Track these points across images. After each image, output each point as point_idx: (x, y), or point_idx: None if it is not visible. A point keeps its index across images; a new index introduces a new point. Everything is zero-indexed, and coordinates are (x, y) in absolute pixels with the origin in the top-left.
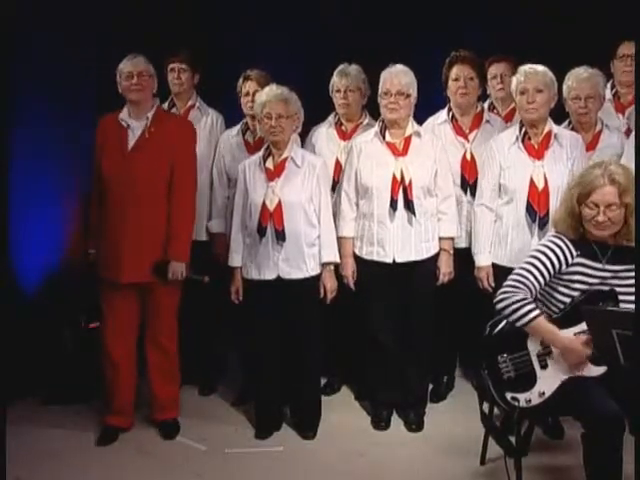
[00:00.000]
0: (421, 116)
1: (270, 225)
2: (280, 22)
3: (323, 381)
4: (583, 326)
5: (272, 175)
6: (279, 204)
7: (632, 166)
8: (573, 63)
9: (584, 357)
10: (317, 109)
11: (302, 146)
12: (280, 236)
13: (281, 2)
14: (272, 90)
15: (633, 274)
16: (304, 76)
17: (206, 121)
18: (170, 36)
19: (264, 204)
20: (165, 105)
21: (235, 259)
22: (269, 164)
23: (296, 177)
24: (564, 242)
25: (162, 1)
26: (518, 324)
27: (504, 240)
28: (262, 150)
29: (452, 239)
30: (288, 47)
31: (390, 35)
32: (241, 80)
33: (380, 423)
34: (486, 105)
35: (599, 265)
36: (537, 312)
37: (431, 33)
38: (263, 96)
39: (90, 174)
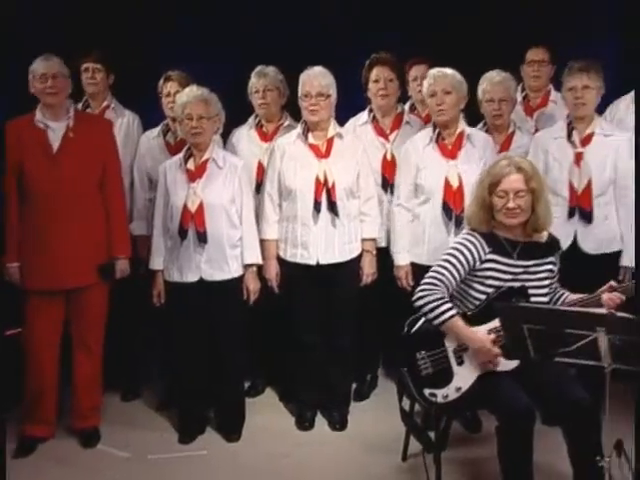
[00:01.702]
0: (342, 117)
1: (192, 227)
2: (202, 22)
3: (247, 383)
4: (497, 322)
5: (193, 176)
6: (200, 206)
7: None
8: (487, 67)
9: (495, 356)
10: (239, 110)
11: (224, 147)
12: (202, 238)
13: (201, 2)
14: (193, 91)
15: (542, 268)
16: (225, 77)
17: (122, 122)
18: (83, 35)
19: (185, 206)
20: (79, 106)
21: (156, 262)
22: (190, 165)
23: (218, 178)
24: (477, 239)
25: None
26: (435, 322)
27: (422, 239)
28: (183, 151)
29: (375, 240)
30: (210, 47)
31: (311, 36)
32: (162, 81)
33: (304, 423)
34: (407, 107)
35: (510, 261)
36: (453, 312)
37: (352, 34)
38: (184, 97)
39: None
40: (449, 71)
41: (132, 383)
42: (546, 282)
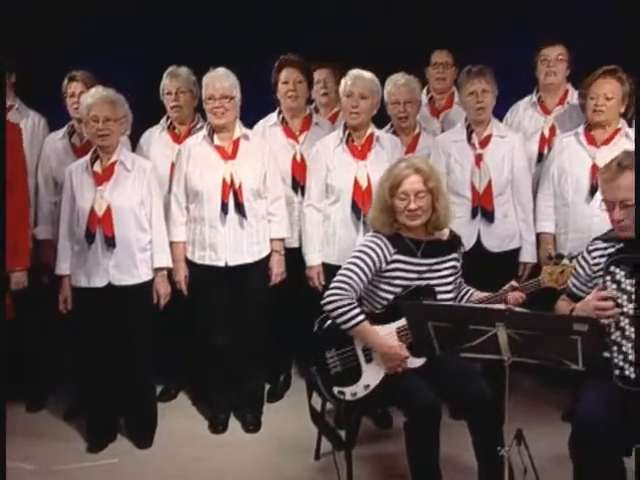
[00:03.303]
0: (250, 118)
1: (99, 231)
2: (109, 21)
3: (159, 388)
4: (404, 321)
5: (100, 179)
6: (108, 209)
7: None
8: (392, 70)
9: (401, 361)
10: (148, 112)
11: (133, 150)
12: (110, 242)
13: (110, 2)
14: (98, 92)
15: (446, 265)
16: (133, 77)
17: (26, 123)
18: None
19: (92, 209)
20: None
21: (62, 267)
22: (97, 168)
23: (126, 181)
24: (381, 240)
25: None
26: (344, 327)
27: (332, 239)
28: (89, 153)
29: (283, 240)
30: (117, 47)
31: (226, 37)
32: (66, 81)
33: (217, 426)
34: (312, 106)
35: (415, 260)
36: (361, 317)
37: (267, 36)
38: (89, 98)
39: None
40: (368, 75)
41: (37, 393)
42: (450, 278)
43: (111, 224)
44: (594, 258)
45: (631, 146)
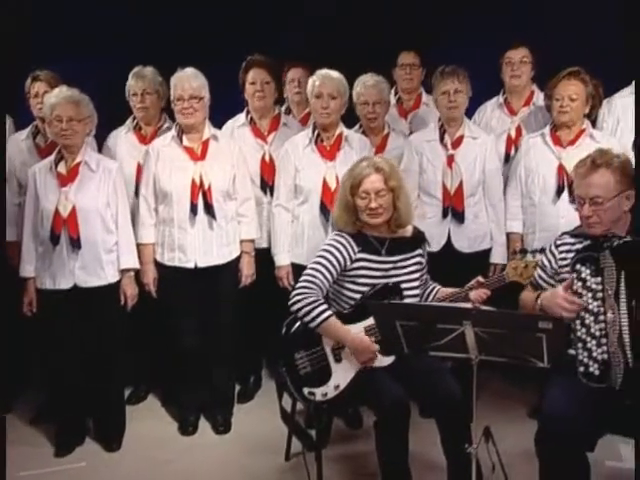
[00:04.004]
0: (218, 118)
1: (64, 232)
2: (74, 21)
3: (128, 390)
4: (372, 320)
5: (65, 180)
6: (73, 210)
7: (414, 164)
8: (361, 70)
9: (373, 354)
10: (115, 112)
11: (99, 150)
12: (75, 244)
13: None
14: (62, 92)
15: (410, 262)
16: (101, 77)
17: None
18: None
19: (57, 211)
20: None
21: (27, 269)
22: (61, 169)
23: (91, 182)
24: (345, 239)
25: None
26: (311, 325)
27: (301, 239)
28: (54, 154)
29: (253, 241)
30: (82, 47)
31: (195, 38)
32: (29, 81)
33: (188, 428)
34: (283, 108)
35: (379, 258)
36: (328, 313)
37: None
38: (52, 98)
39: None
40: (336, 75)
41: (2, 398)
42: (416, 275)
43: (76, 225)
44: (561, 252)
45: (596, 147)
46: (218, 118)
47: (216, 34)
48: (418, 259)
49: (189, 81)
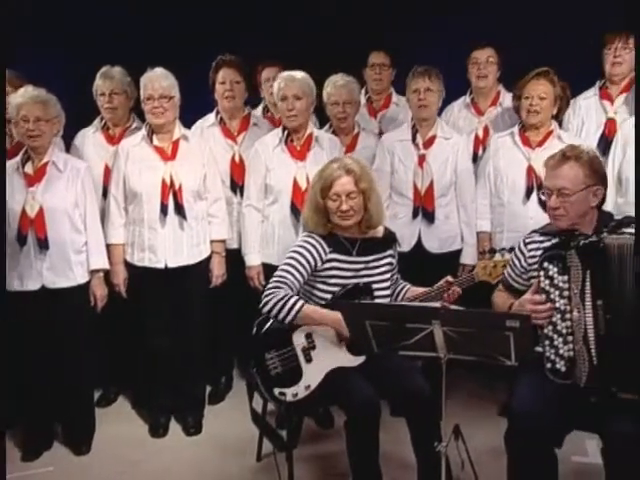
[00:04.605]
0: (189, 118)
1: (31, 233)
2: (41, 21)
3: (98, 393)
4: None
5: (32, 180)
6: (40, 211)
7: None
8: (331, 70)
9: None
10: (82, 111)
11: (67, 150)
12: (43, 244)
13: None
14: (28, 92)
15: (382, 262)
16: (66, 77)
17: None
18: None
19: (24, 211)
20: None
21: None
22: (28, 169)
23: (59, 182)
24: (316, 240)
25: None
26: (287, 320)
27: (272, 239)
28: (20, 154)
29: (223, 242)
30: (48, 47)
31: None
32: None
33: (158, 430)
34: (260, 109)
35: (351, 258)
36: (301, 303)
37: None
38: (18, 98)
39: None
40: (299, 75)
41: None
42: (387, 275)
43: (43, 226)
44: (530, 251)
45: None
46: (188, 118)
47: (186, 34)
48: (389, 260)
49: (159, 81)
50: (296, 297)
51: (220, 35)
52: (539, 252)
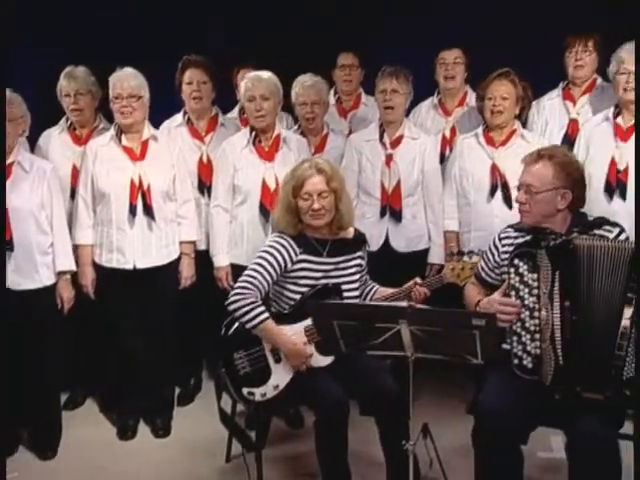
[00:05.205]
0: (158, 118)
1: None
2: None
3: (65, 396)
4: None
5: None
6: (5, 212)
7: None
8: (300, 71)
9: (305, 359)
10: (48, 111)
11: (32, 151)
12: (8, 246)
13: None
14: None
15: (351, 263)
16: (33, 77)
17: None
18: None
19: None
20: None
21: None
22: None
23: (24, 183)
24: (286, 241)
25: None
26: (247, 326)
27: (240, 240)
28: None
29: (193, 243)
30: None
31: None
32: None
33: (127, 433)
34: (237, 110)
35: (321, 259)
36: (266, 315)
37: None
38: None
39: None
40: (266, 75)
41: None
42: (356, 276)
43: (9, 227)
44: (504, 246)
45: (527, 146)
46: (157, 118)
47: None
48: (359, 261)
49: (128, 80)
50: (263, 308)
51: (186, 34)
52: (512, 248)
